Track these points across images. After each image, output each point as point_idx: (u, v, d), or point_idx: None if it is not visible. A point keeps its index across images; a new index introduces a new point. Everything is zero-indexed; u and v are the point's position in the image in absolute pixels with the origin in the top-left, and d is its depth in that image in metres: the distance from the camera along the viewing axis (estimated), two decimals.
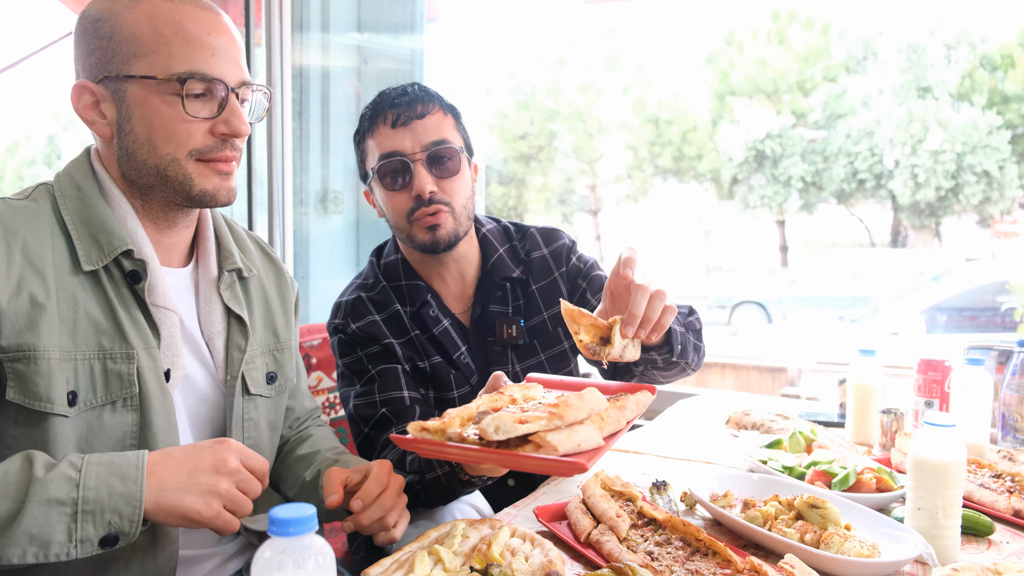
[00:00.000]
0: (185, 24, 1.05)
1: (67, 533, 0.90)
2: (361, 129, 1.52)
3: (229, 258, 1.21)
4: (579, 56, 17.29)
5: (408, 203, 1.45)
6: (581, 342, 1.19)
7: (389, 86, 1.53)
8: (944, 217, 14.99)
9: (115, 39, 1.04)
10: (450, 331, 1.54)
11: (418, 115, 1.44)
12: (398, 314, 1.53)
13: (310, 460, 1.31)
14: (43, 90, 22.07)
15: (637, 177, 17.68)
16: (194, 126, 1.06)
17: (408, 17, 3.00)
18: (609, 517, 1.11)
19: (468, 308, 1.60)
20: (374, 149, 1.47)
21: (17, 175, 21.32)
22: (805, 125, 15.55)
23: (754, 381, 5.44)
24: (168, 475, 0.94)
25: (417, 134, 1.44)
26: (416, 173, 1.43)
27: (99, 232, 1.05)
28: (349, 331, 1.52)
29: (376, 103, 1.49)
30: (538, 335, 1.58)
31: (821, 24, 15.40)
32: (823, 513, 1.11)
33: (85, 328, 1.02)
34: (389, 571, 0.95)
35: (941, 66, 13.89)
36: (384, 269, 1.59)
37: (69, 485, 0.90)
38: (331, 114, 2.96)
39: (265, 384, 1.24)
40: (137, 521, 0.92)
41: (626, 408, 1.11)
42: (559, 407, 0.98)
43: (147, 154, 1.06)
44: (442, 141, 1.45)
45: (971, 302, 7.76)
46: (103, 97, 1.06)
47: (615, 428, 1.06)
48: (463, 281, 1.60)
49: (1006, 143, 13.36)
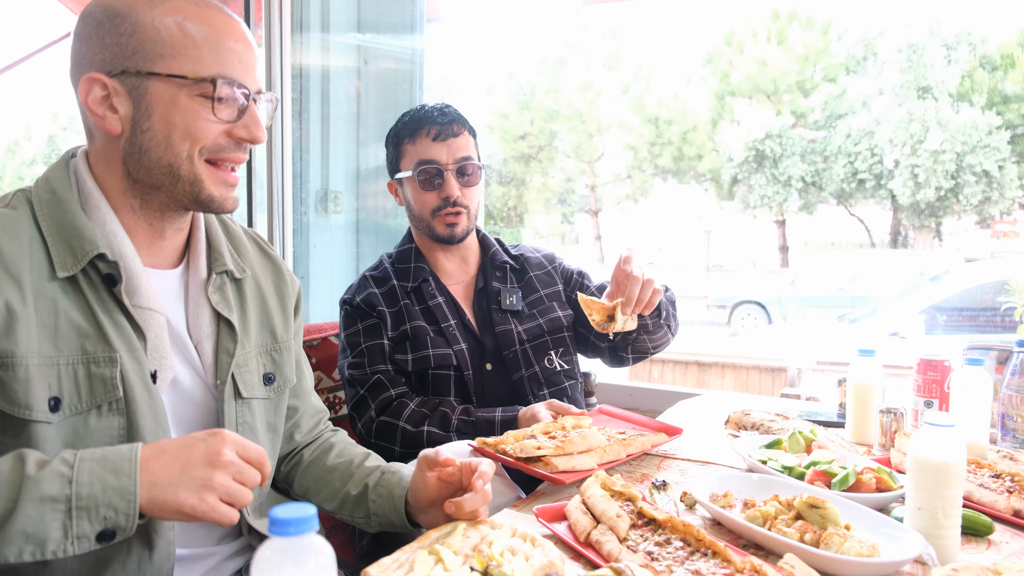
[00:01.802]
0: (214, 28, 1.06)
1: (63, 530, 0.89)
2: (400, 133, 1.82)
3: (219, 260, 1.20)
4: (579, 56, 17.31)
5: (436, 202, 1.79)
6: (594, 320, 1.58)
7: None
8: (944, 217, 15.01)
9: (137, 36, 1.03)
10: (443, 305, 1.82)
11: (453, 134, 1.78)
12: (393, 288, 1.83)
13: (347, 472, 1.29)
14: (43, 90, 22.08)
15: (637, 177, 17.70)
16: (214, 127, 1.07)
17: (408, 17, 3.00)
18: (609, 517, 1.11)
19: (468, 285, 1.91)
20: (413, 154, 1.79)
21: (17, 175, 21.32)
22: (805, 125, 15.56)
23: (754, 381, 5.44)
24: (161, 470, 0.93)
25: (451, 149, 1.78)
26: (447, 180, 1.78)
27: (72, 237, 1.04)
28: (354, 303, 1.81)
29: (419, 116, 1.80)
30: (535, 305, 1.91)
31: (821, 24, 15.42)
32: (823, 513, 1.11)
33: (67, 333, 1.01)
34: (389, 571, 0.95)
35: (941, 66, 13.90)
36: (396, 256, 1.90)
37: (62, 482, 0.90)
38: (331, 114, 2.96)
39: (262, 386, 1.23)
40: (133, 515, 0.91)
41: (631, 445, 1.47)
42: (565, 441, 1.38)
43: (163, 152, 1.06)
44: (468, 157, 1.81)
45: (971, 302, 7.76)
46: (116, 92, 1.04)
47: (613, 458, 1.42)
48: (465, 265, 1.93)
49: (1006, 143, 13.37)
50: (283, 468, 1.37)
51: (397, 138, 1.84)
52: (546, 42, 18.15)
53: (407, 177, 1.81)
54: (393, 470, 1.26)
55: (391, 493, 1.22)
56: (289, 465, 1.37)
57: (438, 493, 1.17)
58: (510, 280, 1.91)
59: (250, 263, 1.28)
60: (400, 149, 1.83)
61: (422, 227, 1.84)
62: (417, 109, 1.83)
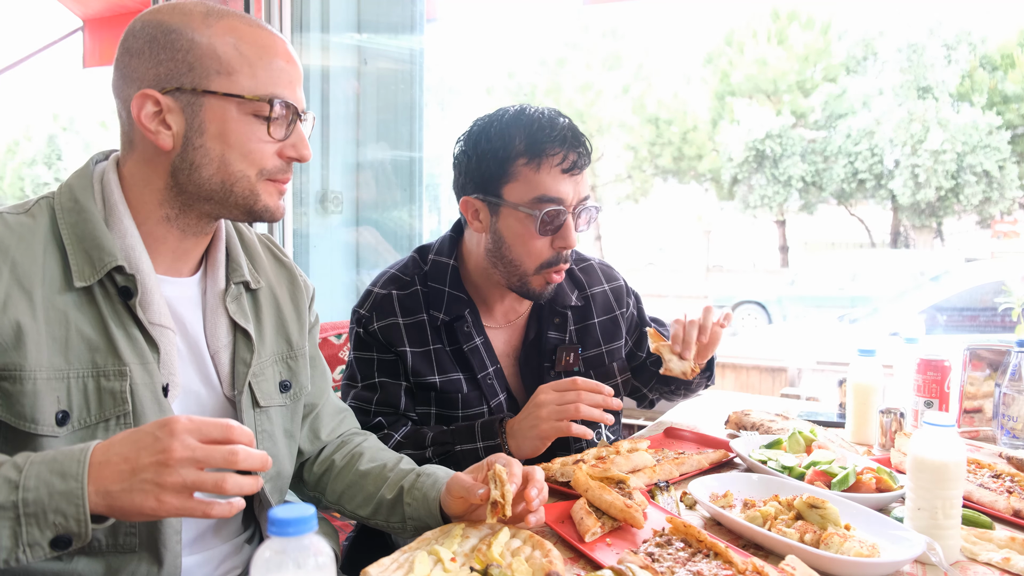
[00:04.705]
0: (266, 47, 1.07)
1: (13, 538, 0.85)
2: (514, 147, 1.41)
3: (237, 270, 1.20)
4: (579, 56, 17.30)
5: (548, 253, 1.44)
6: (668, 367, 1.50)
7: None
8: (944, 217, 15.00)
9: (194, 53, 1.03)
10: (480, 349, 1.53)
11: (583, 167, 1.43)
12: (422, 323, 1.51)
13: (380, 476, 1.27)
14: (43, 90, 22.08)
15: (637, 177, 17.69)
16: (268, 147, 1.09)
17: (408, 17, 3.00)
18: (618, 508, 1.12)
19: (515, 331, 1.60)
20: (535, 183, 1.40)
21: (17, 175, 21.31)
22: (805, 125, 15.56)
23: (754, 381, 5.43)
24: (111, 476, 0.87)
25: (578, 187, 1.43)
26: (568, 227, 1.42)
27: (92, 248, 1.04)
28: (371, 329, 1.51)
29: (547, 132, 1.40)
30: (594, 366, 1.62)
31: (821, 24, 15.41)
32: (823, 513, 1.11)
33: (78, 346, 1.01)
34: (389, 571, 0.95)
35: (941, 66, 13.89)
36: (431, 267, 1.55)
37: (9, 488, 0.86)
38: (331, 114, 2.96)
39: (278, 394, 1.23)
40: (84, 520, 0.86)
41: (684, 464, 1.44)
42: (608, 463, 1.35)
43: (215, 169, 1.07)
44: (587, 197, 1.45)
45: (971, 302, 7.75)
46: (170, 108, 1.04)
47: (665, 477, 1.38)
48: (517, 303, 1.60)
49: (1006, 143, 13.36)
50: (316, 471, 1.35)
51: (508, 151, 1.40)
52: (546, 42, 18.15)
53: (513, 210, 1.41)
54: (428, 472, 1.23)
55: (426, 496, 1.19)
56: (321, 469, 1.34)
57: (473, 506, 1.14)
58: (571, 325, 1.60)
59: (265, 273, 1.28)
60: (511, 169, 1.40)
61: (513, 277, 1.47)
62: (538, 116, 1.42)
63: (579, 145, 1.42)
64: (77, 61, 3.74)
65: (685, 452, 1.52)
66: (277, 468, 1.22)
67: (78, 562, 1.03)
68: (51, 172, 20.73)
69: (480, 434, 1.43)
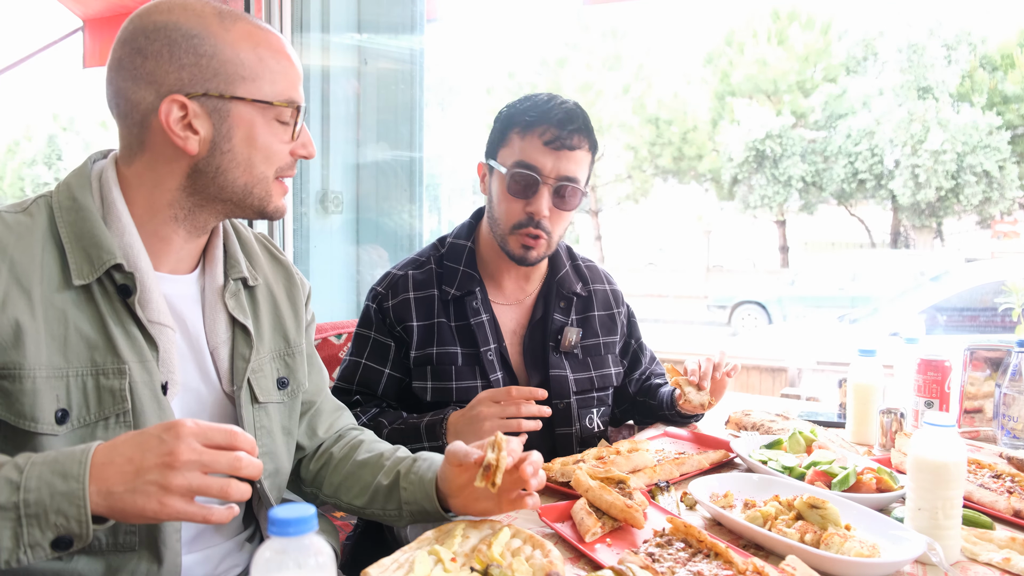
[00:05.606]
0: (277, 51, 1.10)
1: (14, 539, 0.85)
2: (513, 117, 1.57)
3: (235, 267, 1.21)
4: (579, 56, 17.31)
5: (519, 215, 1.55)
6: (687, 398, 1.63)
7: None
8: (944, 217, 15.01)
9: (218, 58, 1.04)
10: (485, 325, 1.61)
11: (570, 146, 1.52)
12: (432, 298, 1.62)
13: (377, 464, 1.27)
14: (43, 90, 22.09)
15: (637, 177, 17.69)
16: (285, 147, 1.12)
17: (408, 17, 3.00)
18: (619, 508, 1.12)
19: (523, 310, 1.70)
20: (516, 149, 1.54)
21: (17, 175, 21.31)
22: (805, 125, 15.57)
23: (754, 381, 5.44)
24: (114, 476, 0.87)
25: (559, 163, 1.52)
26: (540, 195, 1.53)
27: (91, 246, 1.03)
28: (384, 307, 1.62)
29: (542, 110, 1.53)
30: (591, 353, 1.72)
31: (821, 24, 15.42)
32: (823, 513, 1.11)
33: (77, 344, 1.01)
34: (389, 571, 0.95)
35: (941, 66, 13.90)
36: (448, 249, 1.68)
37: (10, 489, 0.86)
38: (331, 114, 2.96)
39: (276, 390, 1.23)
40: (85, 521, 0.86)
41: (684, 464, 1.45)
42: (608, 463, 1.39)
43: (241, 172, 1.09)
44: (574, 179, 1.55)
45: (971, 302, 7.75)
46: (196, 114, 1.04)
47: (665, 477, 1.40)
48: (525, 284, 1.71)
49: (1006, 143, 13.37)
50: (313, 467, 1.35)
51: (508, 120, 1.57)
52: (546, 42, 18.17)
53: (499, 171, 1.57)
54: (424, 456, 1.24)
55: (422, 478, 1.19)
56: (319, 464, 1.34)
57: (469, 477, 1.14)
58: (574, 313, 1.71)
59: (262, 270, 1.28)
60: (506, 135, 1.57)
61: (497, 235, 1.61)
62: (545, 100, 1.56)
63: (569, 124, 1.52)
64: (77, 61, 3.74)
65: (685, 452, 1.52)
66: (275, 465, 1.22)
67: (78, 561, 1.03)
68: (51, 172, 20.73)
69: (425, 435, 1.49)
